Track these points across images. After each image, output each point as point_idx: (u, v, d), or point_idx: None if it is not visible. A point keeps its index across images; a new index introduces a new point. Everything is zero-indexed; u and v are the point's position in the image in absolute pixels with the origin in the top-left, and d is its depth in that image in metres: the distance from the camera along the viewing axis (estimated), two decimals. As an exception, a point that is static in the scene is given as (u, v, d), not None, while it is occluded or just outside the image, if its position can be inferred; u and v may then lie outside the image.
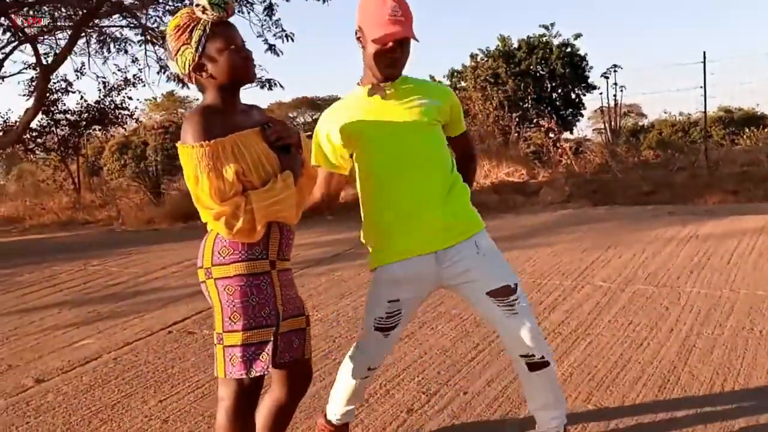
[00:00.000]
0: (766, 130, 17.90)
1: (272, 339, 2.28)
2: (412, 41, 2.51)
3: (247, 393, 2.30)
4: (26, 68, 14.15)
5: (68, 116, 16.11)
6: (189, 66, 2.22)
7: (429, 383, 3.76)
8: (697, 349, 3.91)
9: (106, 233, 12.20)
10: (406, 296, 2.62)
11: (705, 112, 15.33)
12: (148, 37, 12.69)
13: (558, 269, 6.13)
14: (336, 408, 2.91)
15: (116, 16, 12.89)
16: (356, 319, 5.04)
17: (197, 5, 2.18)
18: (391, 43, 2.42)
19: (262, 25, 12.66)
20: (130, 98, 16.07)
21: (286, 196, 2.28)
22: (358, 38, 2.54)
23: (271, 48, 12.68)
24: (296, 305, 2.46)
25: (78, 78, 14.05)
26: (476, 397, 3.52)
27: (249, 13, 12.62)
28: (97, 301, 6.36)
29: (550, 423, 2.65)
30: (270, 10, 12.48)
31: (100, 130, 17.02)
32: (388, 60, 2.48)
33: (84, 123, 16.38)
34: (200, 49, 2.20)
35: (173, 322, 5.41)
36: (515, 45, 15.21)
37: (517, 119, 14.25)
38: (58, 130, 16.37)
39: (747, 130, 18.10)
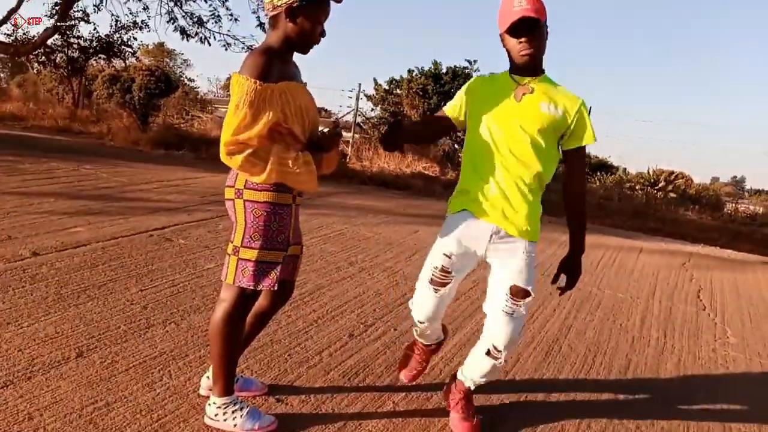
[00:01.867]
0: (611, 176, 18.73)
1: (281, 261, 2.10)
2: (545, 30, 2.24)
3: (247, 299, 2.14)
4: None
5: (81, 42, 15.00)
6: (285, 4, 1.99)
7: (366, 317, 3.64)
8: (574, 329, 3.93)
9: (97, 145, 11.45)
10: (457, 255, 2.34)
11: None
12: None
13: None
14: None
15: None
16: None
17: None
18: (522, 37, 2.19)
19: (258, 4, 12.12)
20: (135, 38, 15.14)
21: (304, 172, 2.05)
22: (503, 44, 2.29)
23: (261, 25, 12.17)
24: (298, 235, 2.30)
25: (95, 12, 13.00)
26: (404, 335, 3.41)
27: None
28: (88, 198, 5.92)
29: (465, 375, 2.50)
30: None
31: (104, 59, 15.92)
32: (521, 47, 2.20)
33: (92, 50, 15.30)
34: (304, 2, 1.99)
35: (154, 228, 5.07)
36: (444, 70, 15.11)
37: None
38: (69, 51, 15.22)
39: (598, 173, 18.92)
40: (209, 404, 2.23)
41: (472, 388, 2.53)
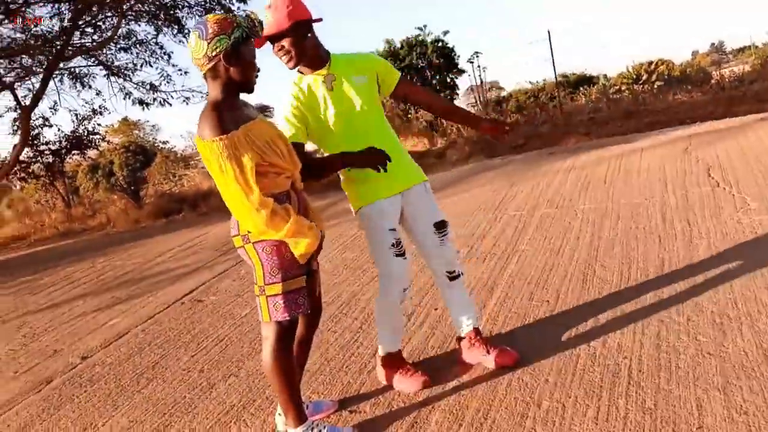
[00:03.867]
0: (594, 86, 18.67)
1: (305, 284, 2.21)
2: (302, 31, 2.46)
3: (287, 330, 2.24)
4: (8, 111, 13.24)
5: (50, 146, 15.20)
6: (220, 51, 2.05)
7: (405, 308, 3.73)
8: (602, 248, 4.02)
9: (102, 237, 11.62)
10: (393, 225, 2.62)
11: (555, 77, 15.68)
12: (113, 71, 12.08)
13: (478, 207, 6.16)
14: (386, 341, 2.79)
15: (79, 57, 12.17)
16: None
17: (250, 14, 2.13)
18: (273, 48, 2.49)
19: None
20: (99, 124, 15.24)
21: (311, 235, 2.18)
22: None
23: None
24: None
25: (53, 113, 13.20)
26: (444, 311, 3.52)
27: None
28: (113, 289, 6.07)
29: (467, 325, 2.82)
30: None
31: (78, 154, 16.11)
32: (280, 57, 2.50)
33: (64, 150, 15.49)
34: (236, 44, 2.06)
35: (183, 294, 5.22)
36: (398, 45, 15.16)
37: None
38: (43, 158, 15.43)
39: (581, 89, 18.83)
40: (289, 437, 2.35)
41: (480, 326, 2.90)
